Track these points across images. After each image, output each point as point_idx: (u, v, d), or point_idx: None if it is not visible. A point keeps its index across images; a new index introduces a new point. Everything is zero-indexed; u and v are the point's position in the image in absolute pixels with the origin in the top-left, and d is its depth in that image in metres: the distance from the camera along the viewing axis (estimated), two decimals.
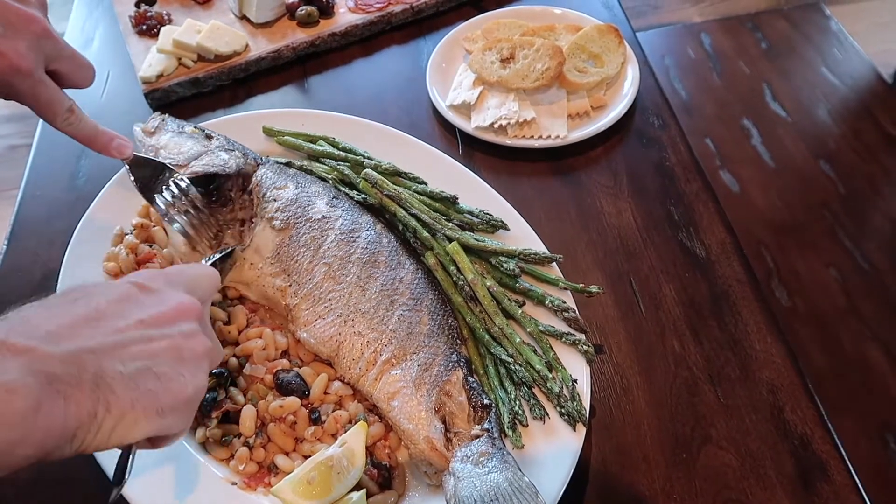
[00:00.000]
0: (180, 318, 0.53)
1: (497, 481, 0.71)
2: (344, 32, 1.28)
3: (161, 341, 0.50)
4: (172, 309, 0.53)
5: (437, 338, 0.84)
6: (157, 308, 0.52)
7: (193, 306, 0.54)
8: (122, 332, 0.49)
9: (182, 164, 0.92)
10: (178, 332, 0.51)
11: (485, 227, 0.94)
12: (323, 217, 0.90)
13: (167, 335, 0.51)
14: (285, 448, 0.79)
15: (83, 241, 0.94)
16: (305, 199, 0.92)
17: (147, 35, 1.28)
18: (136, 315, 0.50)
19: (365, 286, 0.85)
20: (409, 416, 0.77)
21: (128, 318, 0.50)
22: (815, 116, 2.04)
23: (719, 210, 1.06)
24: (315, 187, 0.94)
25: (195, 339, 0.53)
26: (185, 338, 0.52)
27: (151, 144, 0.95)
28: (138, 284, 0.53)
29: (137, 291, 0.53)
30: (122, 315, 0.50)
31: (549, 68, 1.14)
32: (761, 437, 0.84)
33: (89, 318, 0.48)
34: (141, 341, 0.49)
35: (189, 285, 0.58)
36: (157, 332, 0.50)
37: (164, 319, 0.51)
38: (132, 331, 0.49)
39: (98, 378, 0.45)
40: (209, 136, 0.97)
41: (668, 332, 0.93)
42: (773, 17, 2.33)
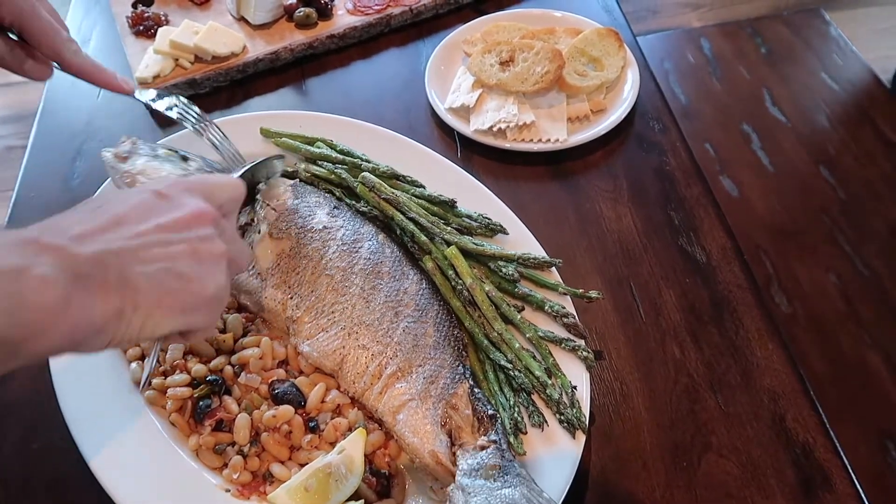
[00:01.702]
0: (196, 223, 0.55)
1: (512, 497, 0.69)
2: (342, 34, 1.27)
3: (179, 244, 0.52)
4: (189, 214, 0.55)
5: (442, 350, 0.82)
6: (174, 213, 0.54)
7: (209, 212, 0.56)
8: (142, 235, 0.51)
9: None
10: (196, 235, 0.54)
11: (483, 231, 0.93)
12: (324, 227, 0.89)
13: (185, 239, 0.53)
14: (280, 457, 0.77)
15: None
16: (306, 210, 0.90)
17: (144, 36, 1.27)
18: (155, 220, 0.53)
19: (369, 298, 0.84)
20: (415, 429, 0.76)
21: (147, 223, 0.52)
22: (814, 122, 2.03)
23: (720, 215, 1.05)
24: (315, 197, 0.93)
25: (212, 243, 0.55)
26: (201, 241, 0.54)
27: (127, 170, 0.89)
28: (157, 192, 0.55)
29: (156, 198, 0.55)
30: (142, 220, 0.52)
31: (548, 71, 1.14)
32: (763, 445, 0.83)
33: (112, 222, 0.51)
34: (161, 244, 0.51)
35: (208, 193, 0.59)
36: (175, 235, 0.53)
37: (180, 224, 0.54)
38: (152, 234, 0.52)
39: (123, 278, 0.48)
40: (185, 157, 0.93)
41: (668, 339, 0.92)
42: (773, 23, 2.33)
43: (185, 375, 0.80)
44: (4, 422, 0.87)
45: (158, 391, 0.80)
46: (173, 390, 0.79)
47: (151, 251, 0.51)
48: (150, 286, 0.50)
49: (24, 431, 0.86)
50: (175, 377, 0.79)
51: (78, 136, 1.17)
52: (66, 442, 0.76)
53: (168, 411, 0.79)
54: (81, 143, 1.16)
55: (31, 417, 0.86)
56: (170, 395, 0.79)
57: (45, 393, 0.81)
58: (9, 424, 0.87)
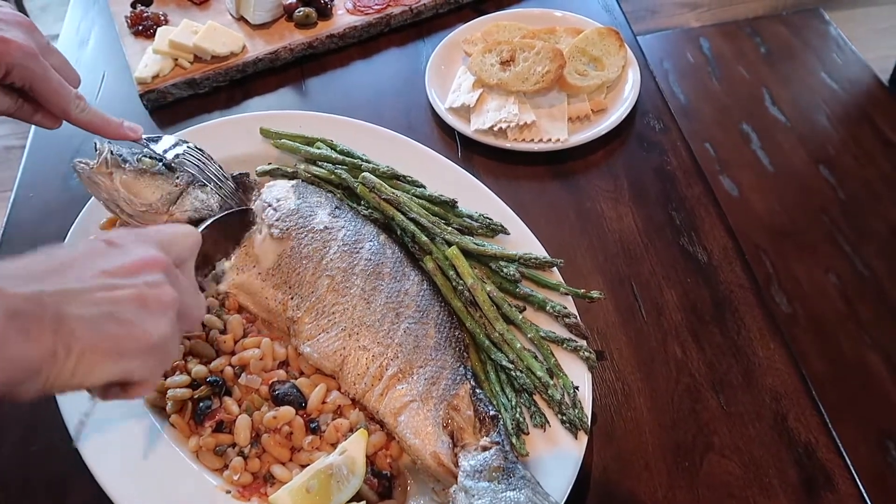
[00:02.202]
0: (145, 269, 0.54)
1: (517, 500, 0.69)
2: (342, 34, 1.27)
3: (124, 289, 0.51)
4: (137, 261, 0.54)
5: (443, 351, 0.82)
6: (123, 259, 0.53)
7: (159, 258, 0.55)
8: (86, 279, 0.50)
9: (161, 212, 0.88)
10: (143, 281, 0.53)
11: (484, 231, 0.92)
12: (325, 228, 0.88)
13: (131, 284, 0.52)
14: (281, 459, 0.77)
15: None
16: (307, 210, 0.90)
17: (143, 36, 1.27)
18: (101, 266, 0.52)
19: (369, 299, 0.83)
20: (416, 431, 0.76)
21: (93, 268, 0.51)
22: (814, 121, 2.03)
23: (721, 215, 1.05)
24: (317, 197, 0.92)
25: (160, 289, 0.53)
26: (149, 286, 0.53)
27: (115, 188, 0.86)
28: (106, 240, 0.55)
29: (104, 246, 0.54)
30: (88, 266, 0.51)
31: (549, 71, 1.13)
32: (765, 445, 0.83)
33: (56, 267, 0.50)
34: (104, 288, 0.50)
35: (162, 243, 0.58)
36: (120, 280, 0.51)
37: (128, 270, 0.53)
38: (96, 278, 0.51)
39: (59, 319, 0.47)
40: (170, 167, 0.90)
41: (669, 339, 0.92)
42: (773, 23, 2.33)
43: (185, 376, 0.79)
44: (4, 422, 0.87)
45: (158, 392, 0.79)
46: (173, 391, 0.78)
47: (93, 294, 0.50)
48: (86, 328, 0.48)
49: (23, 432, 0.85)
50: (175, 378, 0.79)
51: (76, 136, 1.15)
52: (65, 443, 0.75)
53: (168, 412, 0.79)
54: (80, 144, 1.15)
55: (31, 418, 0.86)
56: (170, 396, 0.78)
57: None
58: (8, 425, 0.86)
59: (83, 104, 0.82)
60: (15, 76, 0.75)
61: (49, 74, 0.77)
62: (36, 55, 0.75)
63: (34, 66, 0.75)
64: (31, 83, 0.76)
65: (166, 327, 0.53)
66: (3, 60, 0.73)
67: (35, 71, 0.75)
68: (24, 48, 0.74)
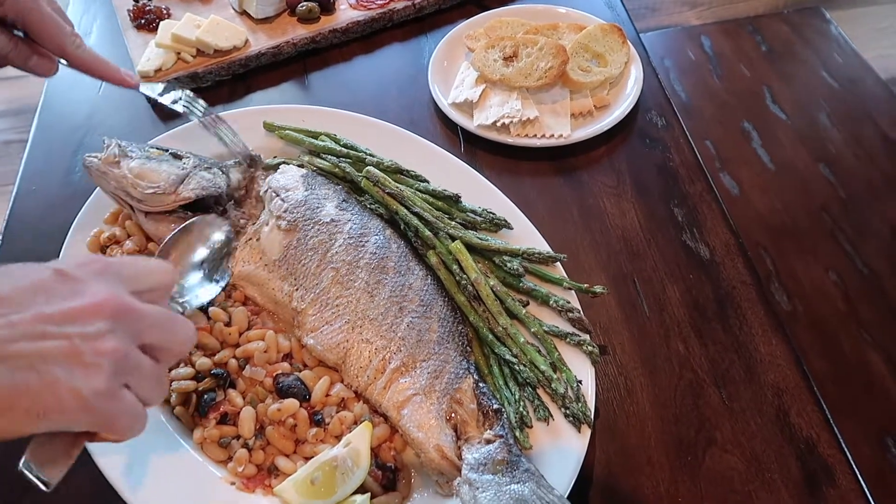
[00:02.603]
0: (89, 316, 0.47)
1: (522, 493, 0.69)
2: (345, 29, 1.27)
3: (56, 339, 0.46)
4: (85, 304, 0.48)
5: (446, 345, 0.82)
6: (67, 302, 0.47)
7: (110, 303, 0.48)
8: (13, 326, 0.45)
9: (169, 192, 0.87)
10: (80, 331, 0.46)
11: (488, 225, 0.92)
12: (332, 220, 0.88)
13: (66, 334, 0.46)
14: (285, 451, 0.77)
15: (79, 238, 0.92)
16: (315, 202, 0.90)
17: (146, 29, 1.27)
18: (40, 307, 0.46)
19: (373, 292, 0.84)
20: (419, 424, 0.76)
21: (27, 310, 0.46)
22: (815, 120, 2.03)
23: (722, 211, 1.05)
24: (325, 190, 0.92)
25: (100, 340, 0.47)
26: (85, 338, 0.46)
27: (123, 174, 0.87)
28: (60, 272, 0.49)
29: (54, 280, 0.48)
30: (24, 306, 0.46)
31: (552, 67, 1.13)
32: (767, 441, 0.83)
33: None
34: (30, 337, 0.45)
35: (126, 277, 0.52)
36: (55, 328, 0.46)
37: (68, 316, 0.47)
38: (27, 325, 0.45)
39: None
40: (177, 155, 0.92)
41: (672, 334, 0.92)
42: (773, 21, 2.33)
43: (189, 369, 0.79)
44: None
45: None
46: (177, 383, 0.78)
47: (16, 345, 0.44)
48: (2, 385, 0.43)
49: None
50: (179, 370, 0.79)
51: (79, 129, 1.17)
52: None
53: (172, 404, 0.79)
54: (83, 137, 1.15)
55: None
56: (174, 388, 0.78)
57: None
58: None
59: (79, 41, 0.79)
60: (7, 8, 0.72)
61: (42, 8, 0.75)
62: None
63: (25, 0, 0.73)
64: (24, 16, 0.74)
65: (102, 383, 0.46)
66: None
67: (26, 3, 0.73)
68: None
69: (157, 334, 0.52)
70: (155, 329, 0.52)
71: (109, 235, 0.92)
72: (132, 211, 0.90)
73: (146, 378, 0.51)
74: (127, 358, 0.48)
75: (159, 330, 0.52)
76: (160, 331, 0.52)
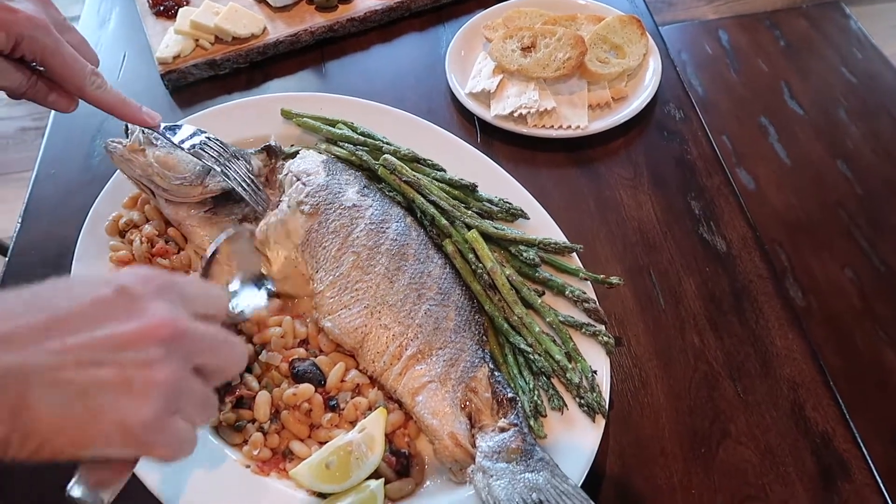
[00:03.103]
0: (145, 340, 0.46)
1: (536, 482, 0.69)
2: (363, 18, 1.27)
3: (107, 368, 0.45)
4: (141, 328, 0.46)
5: (463, 334, 0.82)
6: (122, 326, 0.46)
7: (169, 326, 0.47)
8: (66, 352, 0.44)
9: (195, 185, 0.88)
10: (135, 358, 0.46)
11: (504, 215, 0.92)
12: (353, 205, 0.89)
13: (118, 361, 0.45)
14: (299, 435, 0.78)
15: (98, 222, 0.93)
16: (336, 186, 0.90)
17: (164, 16, 1.28)
18: (93, 332, 0.45)
19: (393, 278, 0.84)
20: (434, 411, 0.76)
21: (81, 334, 0.45)
22: (832, 116, 2.02)
23: (740, 205, 1.05)
24: (346, 176, 0.93)
25: (154, 368, 0.46)
26: (139, 366, 0.45)
27: (149, 164, 0.87)
28: (122, 290, 0.48)
29: (115, 299, 0.47)
30: (79, 329, 0.45)
31: (570, 58, 1.13)
32: (781, 434, 0.83)
33: (40, 326, 0.44)
34: (83, 365, 0.44)
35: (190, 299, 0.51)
36: (108, 355, 0.45)
37: (124, 341, 0.46)
38: (79, 351, 0.44)
39: (20, 403, 0.42)
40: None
41: (687, 327, 0.92)
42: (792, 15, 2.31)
43: None
44: None
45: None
46: None
47: (66, 373, 0.44)
48: (48, 414, 0.43)
49: None
50: None
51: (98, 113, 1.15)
52: None
53: None
54: (101, 122, 1.16)
55: None
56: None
57: None
58: None
59: (100, 81, 0.78)
60: (25, 48, 0.71)
61: (61, 48, 0.73)
62: (47, 27, 0.72)
63: (45, 39, 0.71)
64: (42, 56, 0.73)
65: (150, 414, 0.45)
66: (12, 31, 0.69)
67: (46, 43, 0.72)
68: (34, 19, 0.70)
69: (211, 357, 0.51)
70: (210, 352, 0.51)
71: (128, 220, 0.93)
72: (152, 195, 0.90)
73: (196, 403, 0.50)
74: (178, 385, 0.47)
75: (214, 353, 0.51)
76: (215, 354, 0.51)
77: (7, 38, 0.70)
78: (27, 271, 0.98)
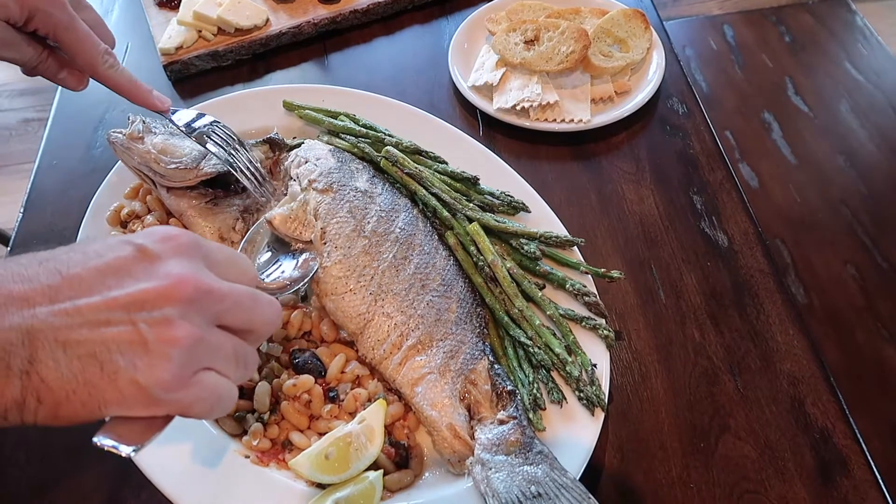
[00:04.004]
0: (161, 299, 0.45)
1: (535, 475, 0.69)
2: (366, 10, 1.27)
3: (119, 326, 0.43)
4: (159, 286, 0.45)
5: (464, 326, 0.82)
6: (140, 284, 0.45)
7: (186, 284, 0.46)
8: (78, 312, 0.43)
9: (191, 168, 0.88)
10: (149, 317, 0.44)
11: (506, 208, 0.92)
12: (365, 191, 0.89)
13: (131, 320, 0.44)
14: (299, 426, 0.78)
15: (100, 212, 0.93)
16: (347, 171, 0.91)
17: (167, 7, 1.27)
18: (109, 291, 0.44)
19: (399, 267, 0.84)
20: (433, 402, 0.76)
21: (96, 295, 0.44)
22: (837, 112, 2.01)
23: (742, 200, 1.04)
24: (355, 164, 0.93)
25: (168, 327, 0.44)
26: (152, 324, 0.44)
27: (147, 150, 0.88)
28: (140, 249, 0.46)
29: (133, 258, 0.46)
30: (93, 288, 0.44)
31: (573, 51, 1.13)
32: (781, 429, 0.83)
33: (55, 287, 0.44)
34: (95, 324, 0.43)
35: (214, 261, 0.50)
36: (122, 314, 0.44)
37: (140, 300, 0.44)
38: (90, 311, 0.43)
39: (31, 364, 0.42)
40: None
41: (688, 321, 0.92)
42: (798, 11, 2.30)
43: None
44: None
45: None
46: None
47: (77, 332, 0.43)
48: (59, 377, 0.42)
49: None
50: None
51: (101, 104, 1.17)
52: None
53: None
54: (104, 112, 1.16)
55: None
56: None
57: None
58: None
59: (112, 60, 0.77)
60: (38, 22, 0.71)
61: (75, 24, 0.73)
62: (62, 3, 0.71)
63: (59, 14, 0.71)
64: (55, 31, 0.72)
65: (167, 373, 0.44)
66: (26, 4, 0.69)
67: (59, 18, 0.71)
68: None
69: (238, 314, 0.49)
70: (236, 309, 0.49)
71: (130, 211, 0.93)
72: (154, 186, 0.90)
73: (229, 359, 0.48)
74: (201, 343, 0.46)
75: (241, 310, 0.49)
76: (242, 310, 0.49)
77: (21, 10, 0.70)
78: None
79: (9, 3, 0.69)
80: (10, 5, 0.69)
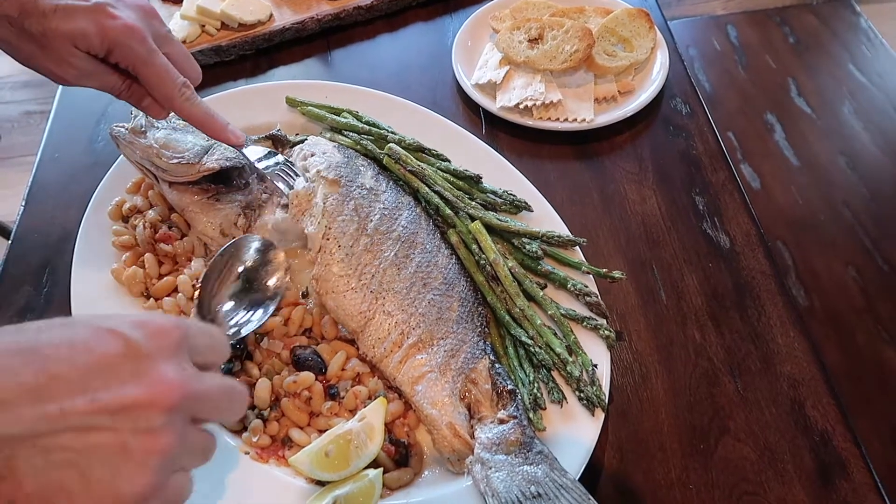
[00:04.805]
0: (148, 407, 0.43)
1: (535, 475, 0.69)
2: (369, 6, 1.26)
3: (103, 433, 0.42)
4: (147, 394, 0.44)
5: (465, 325, 0.82)
6: (127, 388, 0.43)
7: (175, 392, 0.45)
8: (61, 417, 0.41)
9: (193, 162, 0.88)
10: (133, 426, 0.43)
11: (508, 207, 0.92)
12: (371, 187, 0.89)
13: (116, 427, 0.42)
14: (299, 423, 0.78)
15: (101, 206, 0.93)
16: (354, 166, 0.91)
17: (171, 1, 1.27)
18: (96, 393, 0.42)
19: (401, 266, 0.84)
20: (433, 401, 0.76)
21: (80, 398, 0.42)
22: (840, 114, 2.01)
23: (744, 201, 1.04)
24: (360, 161, 0.93)
25: (152, 436, 0.43)
26: (137, 433, 0.43)
27: (149, 144, 0.89)
28: (131, 347, 0.45)
29: (120, 357, 0.44)
30: (77, 390, 0.42)
31: (577, 50, 1.12)
32: (780, 432, 0.83)
33: (37, 388, 0.41)
34: (79, 430, 0.42)
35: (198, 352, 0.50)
36: (106, 420, 0.42)
37: (127, 406, 0.43)
38: (75, 417, 0.42)
39: (7, 469, 0.40)
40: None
41: (689, 322, 0.92)
42: (802, 12, 2.29)
43: None
44: None
45: None
46: None
47: (61, 438, 0.41)
48: (36, 483, 0.40)
49: None
50: None
51: (103, 98, 1.16)
52: None
53: None
54: (106, 105, 1.16)
55: None
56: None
57: None
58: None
59: (189, 93, 0.79)
60: (118, 55, 0.73)
61: (154, 59, 0.75)
62: (143, 37, 0.73)
63: (138, 48, 0.73)
64: (134, 65, 0.74)
65: (147, 482, 0.43)
66: (107, 37, 0.72)
67: (138, 53, 0.73)
68: (132, 28, 0.72)
69: (213, 413, 0.50)
70: (212, 409, 0.49)
71: (132, 205, 0.93)
72: (156, 181, 0.90)
73: (196, 455, 0.49)
74: (180, 448, 0.45)
75: (216, 409, 0.50)
76: (217, 410, 0.50)
77: (101, 43, 0.73)
78: (30, 255, 0.98)
79: (91, 36, 0.72)
80: (92, 38, 0.72)
